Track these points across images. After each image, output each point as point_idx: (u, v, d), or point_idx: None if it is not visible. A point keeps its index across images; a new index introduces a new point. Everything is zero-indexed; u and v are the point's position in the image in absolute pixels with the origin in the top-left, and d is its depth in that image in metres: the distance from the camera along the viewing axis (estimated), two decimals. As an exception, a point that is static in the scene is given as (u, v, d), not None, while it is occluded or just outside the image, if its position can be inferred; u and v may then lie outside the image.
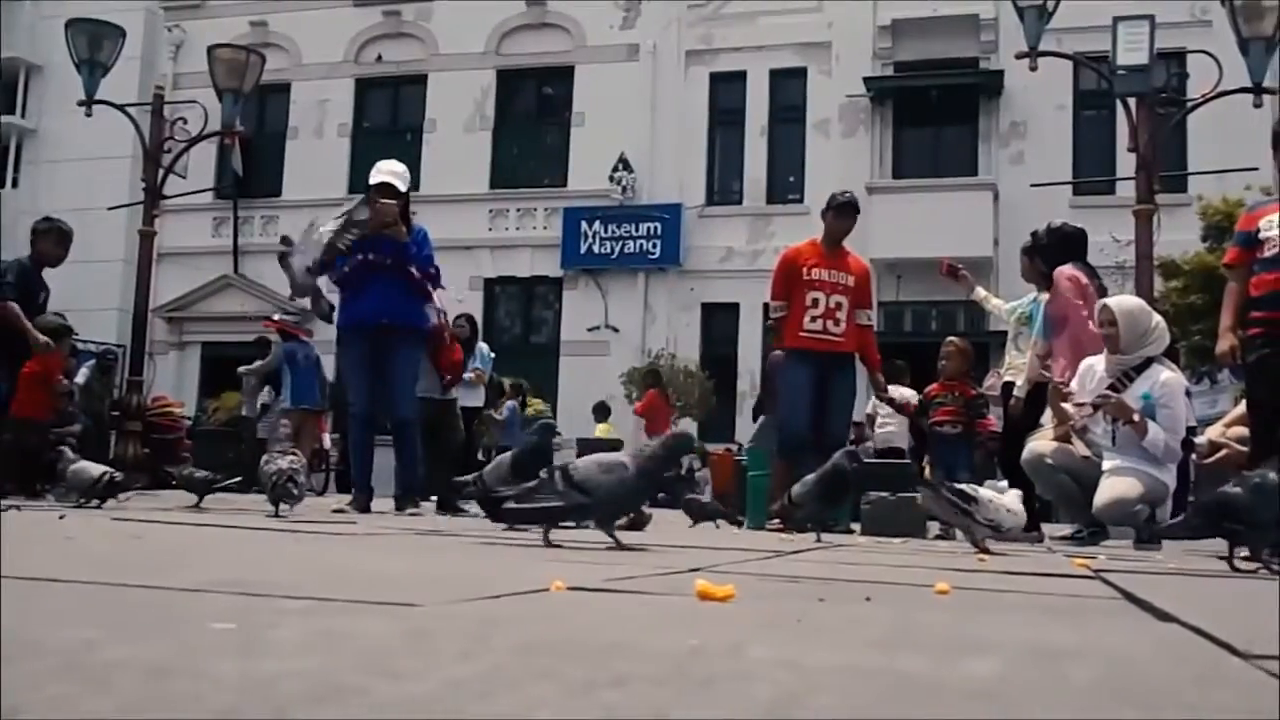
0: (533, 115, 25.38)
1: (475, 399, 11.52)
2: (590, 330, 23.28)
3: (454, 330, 9.84)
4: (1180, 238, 16.45)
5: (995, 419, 9.15)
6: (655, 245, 23.14)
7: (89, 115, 12.34)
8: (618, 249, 23.34)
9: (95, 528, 4.54)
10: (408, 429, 7.88)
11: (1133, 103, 10.10)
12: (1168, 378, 6.43)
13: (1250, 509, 4.01)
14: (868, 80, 22.55)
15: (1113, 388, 6.35)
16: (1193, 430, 8.96)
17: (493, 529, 5.41)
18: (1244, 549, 4.12)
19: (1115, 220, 13.69)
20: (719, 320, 22.74)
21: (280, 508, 6.01)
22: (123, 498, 7.18)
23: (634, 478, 3.90)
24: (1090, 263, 7.43)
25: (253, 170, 24.03)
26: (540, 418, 12.56)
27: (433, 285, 7.83)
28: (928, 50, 22.51)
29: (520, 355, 21.73)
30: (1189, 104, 11.49)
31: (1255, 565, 4.16)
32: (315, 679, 1.07)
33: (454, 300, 11.97)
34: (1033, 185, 17.25)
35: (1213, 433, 7.13)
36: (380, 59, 25.71)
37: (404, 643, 1.35)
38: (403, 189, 7.63)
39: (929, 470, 10.07)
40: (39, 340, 8.57)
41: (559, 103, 24.86)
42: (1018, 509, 5.07)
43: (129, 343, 13.12)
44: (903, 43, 22.71)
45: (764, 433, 13.06)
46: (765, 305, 8.89)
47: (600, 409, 18.72)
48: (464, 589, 2.22)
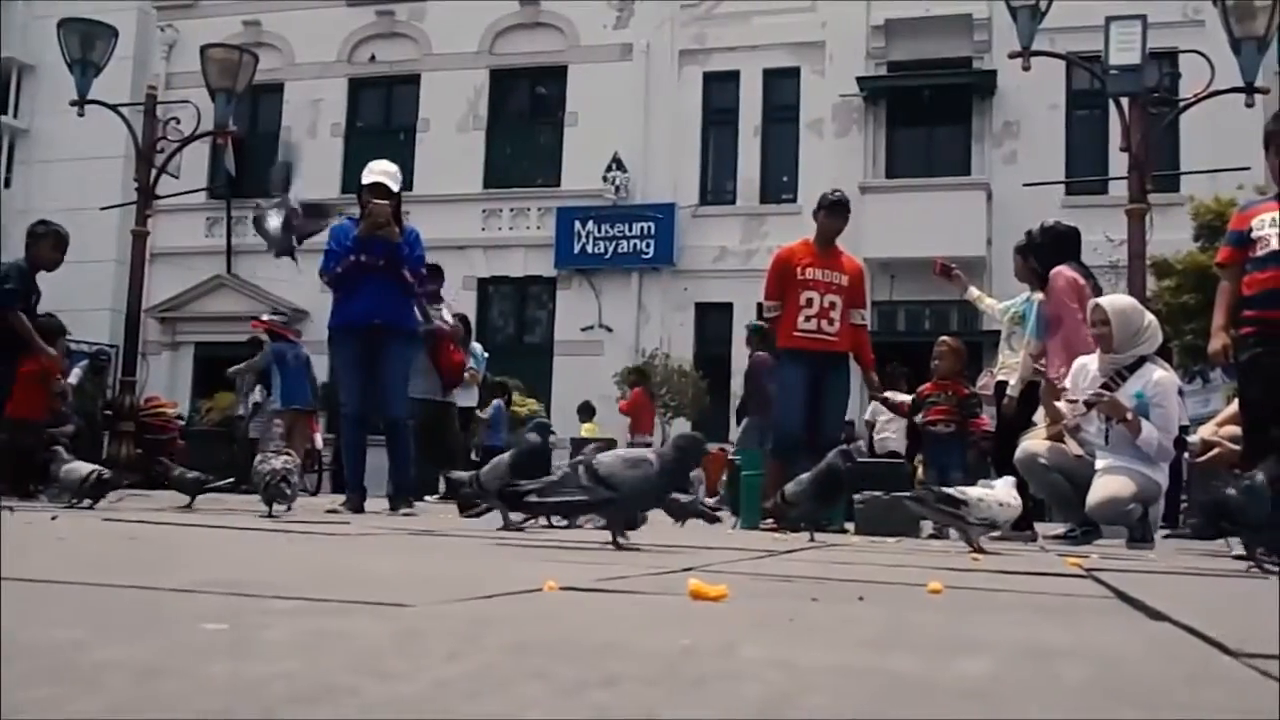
0: (526, 115, 25.38)
1: (469, 399, 11.53)
2: (584, 330, 23.27)
3: (452, 331, 9.81)
4: (1173, 237, 16.46)
5: (988, 418, 9.15)
6: (649, 245, 23.15)
7: (81, 115, 12.32)
8: (611, 249, 23.34)
9: (87, 528, 4.53)
10: (400, 429, 7.87)
11: (1125, 102, 10.12)
12: (1160, 377, 6.43)
13: (1242, 509, 4.03)
14: (861, 80, 22.58)
15: (1106, 387, 6.35)
16: (1185, 429, 8.98)
17: (487, 529, 5.40)
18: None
19: (1108, 220, 13.74)
20: (713, 320, 22.74)
21: (274, 508, 6.01)
22: (113, 497, 7.16)
23: (658, 475, 3.90)
24: (1084, 262, 7.44)
25: (245, 170, 23.98)
26: (534, 418, 12.56)
27: (423, 286, 7.81)
28: (921, 50, 22.54)
29: (514, 355, 21.74)
30: (1181, 103, 11.50)
31: (1248, 564, 4.17)
32: (305, 679, 1.06)
33: (449, 300, 11.91)
34: (1025, 185, 17.29)
35: (1205, 431, 7.13)
36: (373, 59, 25.68)
37: (395, 643, 1.35)
38: (395, 189, 7.62)
39: (922, 469, 10.08)
40: (49, 352, 8.60)
41: (552, 102, 24.85)
42: (1010, 500, 5.05)
43: (122, 343, 13.10)
44: (896, 42, 22.74)
45: (748, 435, 13.05)
46: (759, 305, 8.89)
47: (585, 408, 18.72)
48: (456, 589, 2.21)
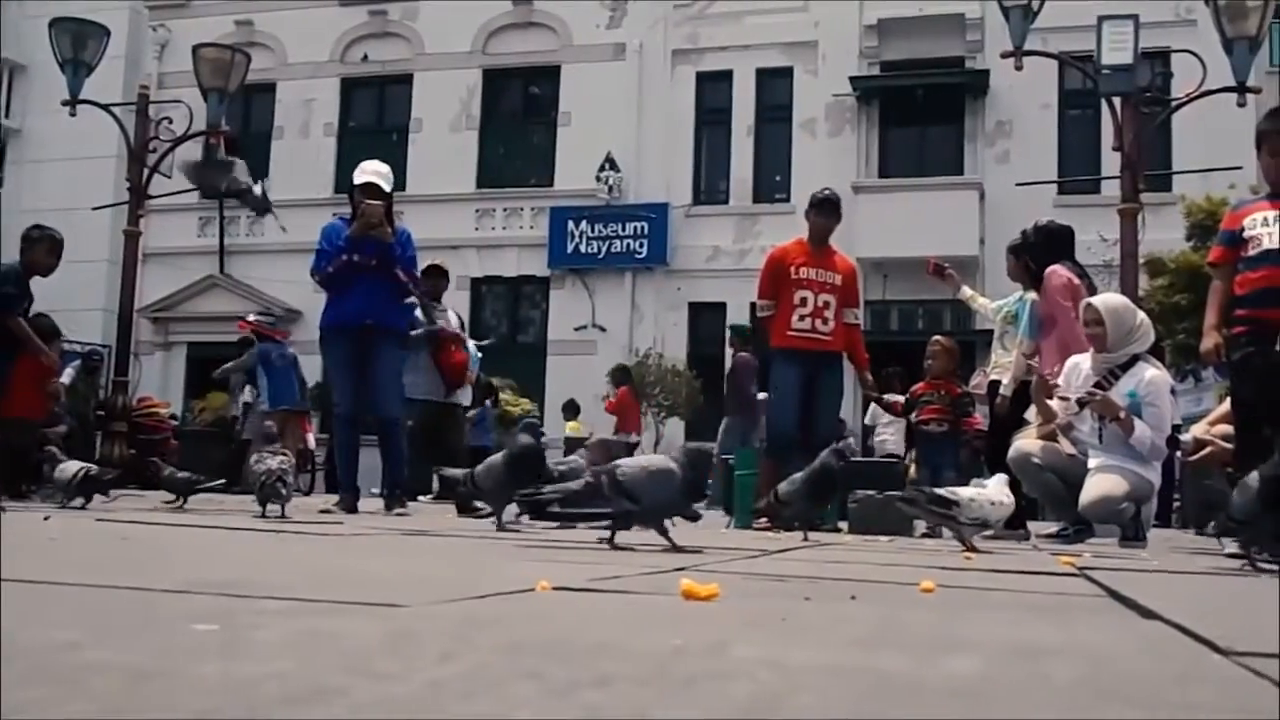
0: (519, 115, 25.36)
1: (463, 398, 11.50)
2: (577, 330, 23.26)
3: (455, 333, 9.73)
4: (1165, 236, 16.51)
5: (981, 417, 9.17)
6: (642, 245, 23.14)
7: (73, 115, 12.29)
8: (604, 248, 23.33)
9: (80, 529, 4.52)
10: (392, 428, 7.87)
11: (1117, 102, 10.12)
12: (1153, 375, 6.45)
13: (1239, 507, 4.05)
14: (854, 80, 22.58)
15: (1099, 385, 6.37)
16: (1178, 428, 9.00)
17: (479, 529, 5.40)
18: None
19: (1100, 219, 13.75)
20: (706, 319, 22.72)
21: (267, 508, 5.99)
22: (103, 498, 7.14)
23: (680, 484, 3.89)
24: (1079, 261, 7.45)
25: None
26: (528, 417, 12.55)
27: (416, 286, 7.80)
28: (913, 50, 22.55)
29: (507, 355, 21.71)
30: (1173, 103, 11.52)
31: (1241, 561, 4.19)
32: (296, 680, 1.06)
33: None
34: (1018, 184, 17.29)
35: (1197, 430, 7.15)
36: (366, 58, 25.65)
37: (387, 643, 1.35)
38: (387, 189, 7.62)
39: (915, 468, 10.09)
40: (49, 353, 8.59)
41: (545, 102, 24.84)
42: (1002, 498, 5.07)
43: (114, 343, 13.06)
44: (889, 42, 22.75)
45: (729, 435, 13.07)
46: (752, 305, 8.88)
47: (569, 406, 18.72)
48: (449, 589, 2.21)
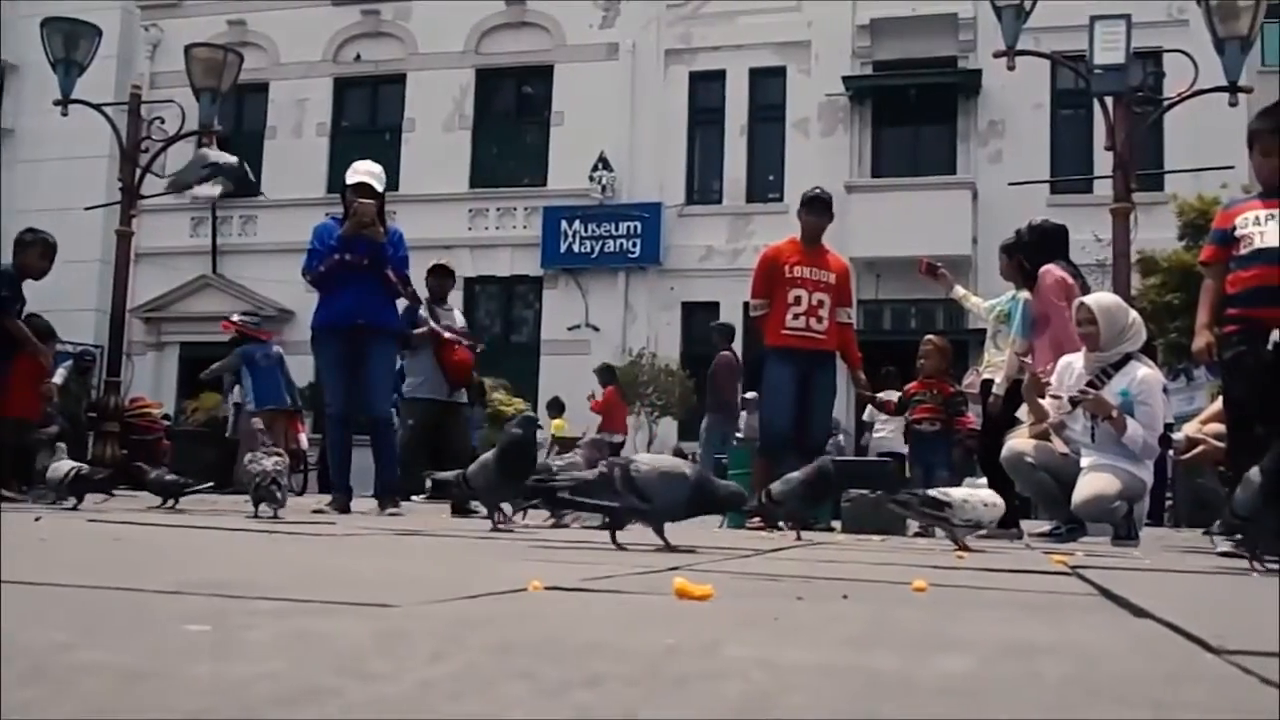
0: (512, 114, 25.35)
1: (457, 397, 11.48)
2: (571, 329, 23.26)
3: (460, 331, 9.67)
4: (1157, 235, 16.54)
5: (974, 416, 9.18)
6: (635, 244, 23.15)
7: (65, 115, 12.26)
8: (598, 248, 23.33)
9: (71, 529, 4.51)
10: (384, 428, 7.86)
11: (1110, 101, 10.14)
12: (1145, 374, 6.46)
13: (1241, 503, 4.06)
14: (847, 79, 22.61)
15: (1091, 384, 6.38)
16: (1170, 427, 9.01)
17: (473, 529, 5.40)
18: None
19: (1092, 218, 13.77)
20: (699, 319, 22.70)
21: (260, 509, 5.97)
22: (104, 497, 7.12)
23: (691, 491, 3.88)
24: (1072, 261, 7.46)
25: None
26: (521, 415, 12.53)
27: (406, 287, 7.77)
28: (906, 49, 22.58)
29: (501, 354, 21.69)
30: (1165, 103, 11.54)
31: (1233, 560, 4.19)
32: (287, 680, 1.06)
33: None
34: (1011, 184, 17.31)
35: (1189, 429, 7.16)
36: (359, 58, 25.62)
37: (378, 643, 1.35)
38: (380, 189, 7.61)
39: (908, 467, 10.11)
40: (46, 353, 8.58)
41: (538, 102, 24.84)
42: (994, 500, 5.09)
43: (106, 343, 13.04)
44: (881, 42, 22.78)
45: (711, 435, 13.09)
46: (745, 304, 8.88)
47: (554, 404, 18.72)
48: (441, 589, 2.21)
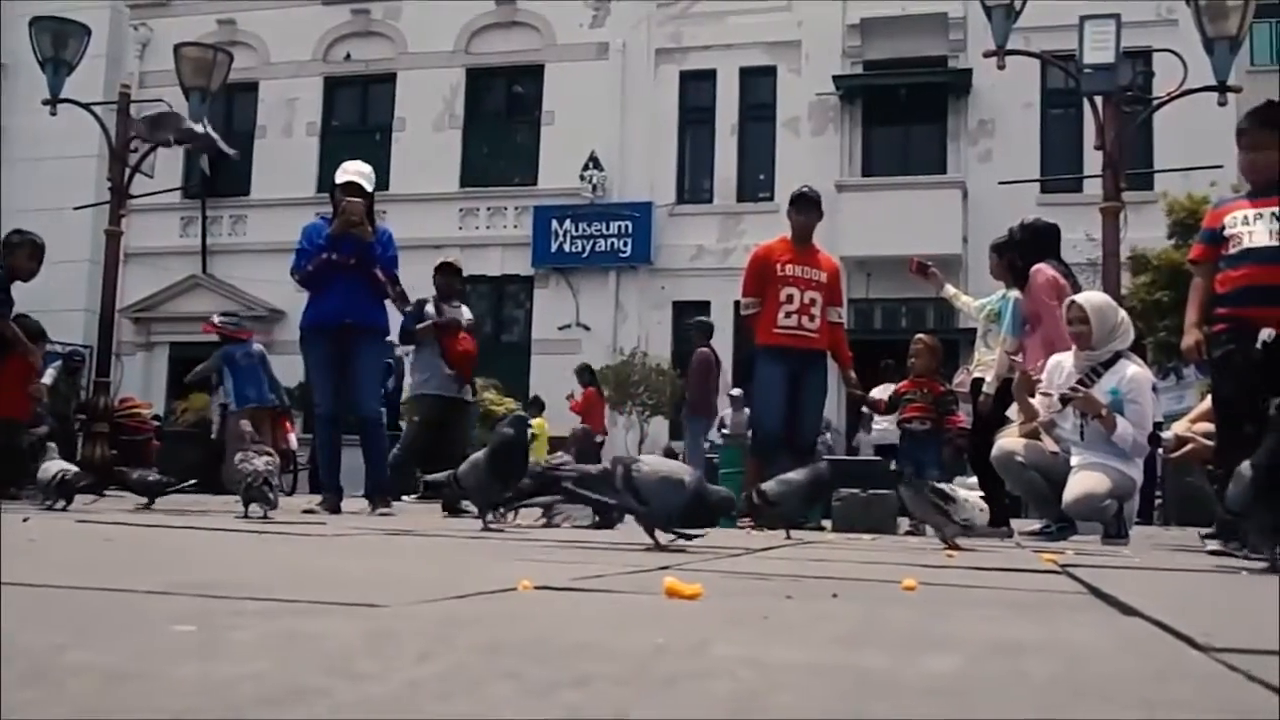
0: (503, 114, 25.32)
1: (463, 394, 11.46)
2: (561, 329, 23.24)
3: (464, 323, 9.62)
4: (1147, 235, 16.59)
5: (965, 415, 9.18)
6: (626, 243, 23.14)
7: (54, 114, 12.22)
8: (588, 247, 23.31)
9: (61, 530, 4.50)
10: (373, 428, 7.85)
11: (1099, 101, 10.16)
12: (1134, 373, 6.48)
13: (1233, 499, 4.06)
14: (837, 79, 22.62)
15: (1081, 383, 6.40)
16: (1159, 426, 9.03)
17: (463, 529, 5.39)
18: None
19: (1082, 218, 13.78)
20: (690, 318, 22.70)
21: (251, 509, 5.94)
22: (94, 498, 7.10)
23: (689, 498, 3.88)
24: (1064, 260, 7.48)
25: (220, 169, 23.82)
26: (512, 414, 12.52)
27: (393, 287, 7.73)
28: (896, 49, 22.60)
29: (492, 354, 21.64)
30: (1155, 102, 11.57)
31: (1223, 558, 4.21)
32: (274, 681, 1.06)
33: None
34: (1001, 183, 17.31)
35: (1179, 427, 7.17)
36: (349, 57, 25.58)
37: (366, 643, 1.34)
38: (369, 189, 7.60)
39: (894, 464, 10.12)
40: (36, 353, 8.55)
41: (529, 101, 24.81)
42: (983, 506, 5.18)
43: (96, 343, 13.00)
44: (872, 41, 22.79)
45: (694, 435, 13.09)
46: (736, 303, 8.87)
47: (534, 403, 18.70)
48: (430, 589, 2.21)
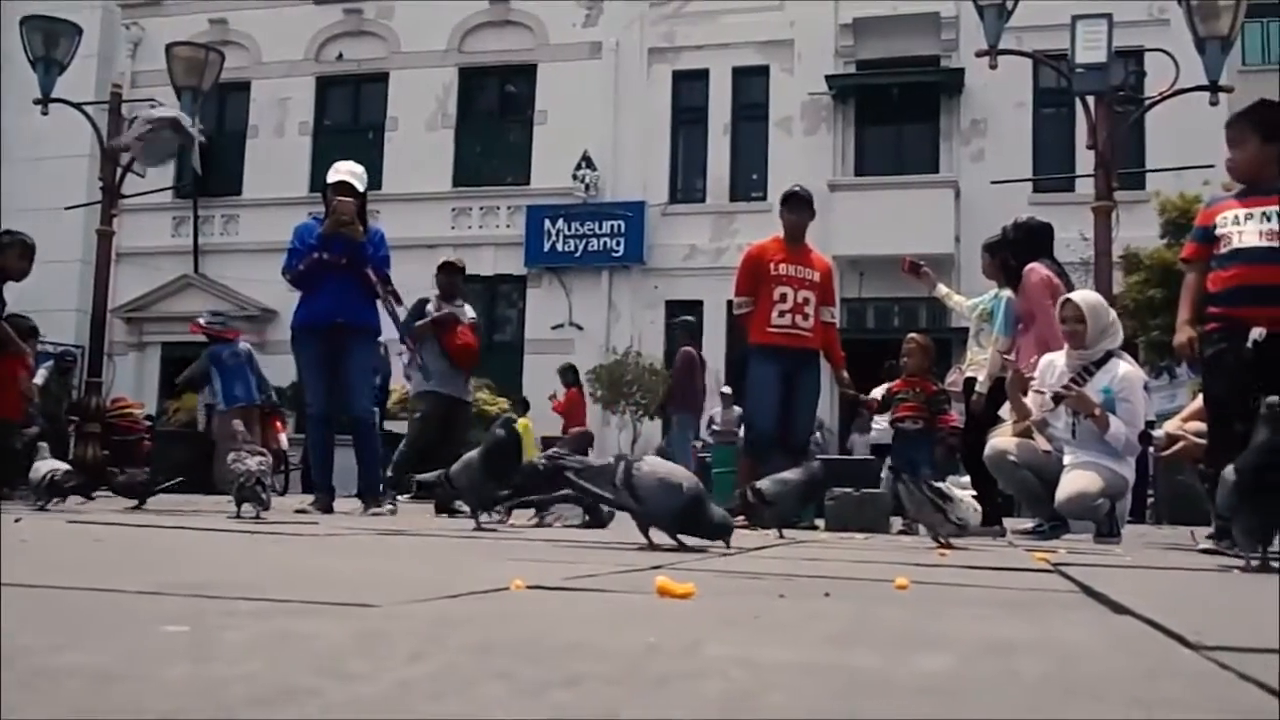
0: (495, 113, 25.30)
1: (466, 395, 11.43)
2: (554, 328, 23.23)
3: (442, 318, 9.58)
4: (1139, 234, 16.60)
5: (957, 415, 9.19)
6: (619, 243, 23.13)
7: (45, 114, 12.20)
8: (581, 247, 23.30)
9: (53, 530, 4.49)
10: (365, 428, 7.84)
11: (1091, 100, 10.18)
12: (1127, 372, 6.49)
13: (1221, 502, 4.07)
14: (830, 78, 22.63)
15: (1074, 382, 6.41)
16: (1151, 424, 9.05)
17: (456, 529, 5.39)
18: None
19: (1074, 217, 13.80)
20: (691, 316, 22.72)
21: (243, 509, 5.93)
22: (82, 499, 7.08)
23: (684, 503, 3.88)
24: (1057, 259, 7.49)
25: (212, 169, 23.73)
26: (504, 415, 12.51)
27: (384, 286, 7.70)
28: (889, 48, 22.61)
29: (485, 354, 21.61)
30: (1146, 102, 11.59)
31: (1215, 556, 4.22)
32: (265, 681, 1.06)
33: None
34: (993, 182, 17.34)
35: (1170, 426, 7.20)
36: (341, 57, 25.54)
37: (358, 643, 1.34)
38: (361, 189, 7.58)
39: (886, 465, 10.13)
40: (28, 351, 8.53)
41: (522, 101, 24.79)
42: (977, 505, 5.20)
43: (87, 343, 12.98)
44: (864, 41, 22.81)
45: (681, 435, 13.09)
46: (729, 302, 8.88)
47: (519, 403, 18.69)
48: (422, 589, 2.20)
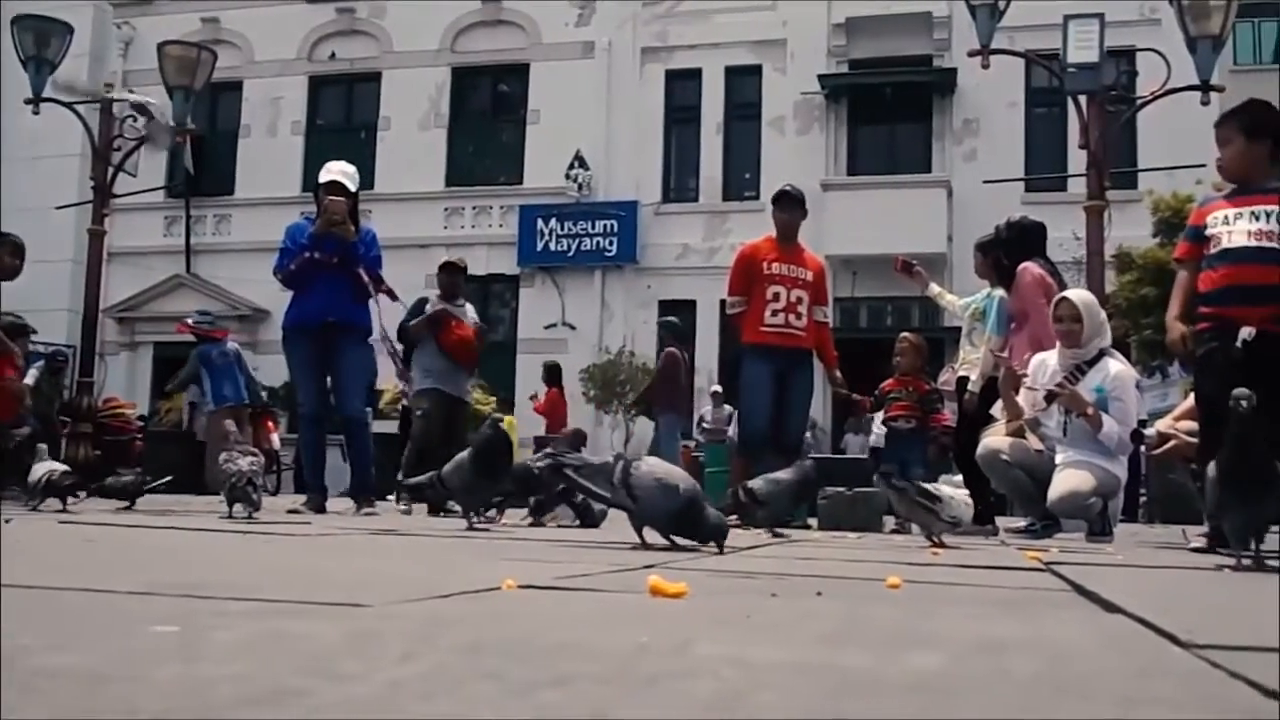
0: (488, 113, 25.29)
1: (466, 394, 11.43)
2: (547, 328, 23.23)
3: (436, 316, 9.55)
4: (1131, 233, 16.64)
5: (949, 414, 9.19)
6: (612, 242, 23.13)
7: (36, 113, 12.16)
8: (574, 246, 23.31)
9: (43, 531, 4.48)
10: (357, 428, 7.83)
11: (1083, 100, 10.18)
12: (1119, 370, 6.50)
13: (1209, 502, 4.08)
14: (822, 78, 22.65)
15: (1067, 381, 6.41)
16: (1143, 423, 9.07)
17: (448, 528, 5.39)
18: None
19: (1067, 216, 13.82)
20: (676, 317, 22.70)
21: (235, 509, 5.92)
22: (73, 499, 7.06)
23: (680, 506, 3.88)
24: (1050, 258, 7.49)
25: (204, 169, 23.74)
26: (492, 414, 12.49)
27: (377, 286, 7.68)
28: (881, 48, 22.66)
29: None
30: (1138, 101, 11.60)
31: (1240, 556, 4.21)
32: (255, 682, 1.05)
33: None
34: (985, 182, 17.38)
35: (1162, 425, 7.21)
36: (333, 56, 25.52)
37: (349, 643, 1.34)
38: (352, 189, 7.58)
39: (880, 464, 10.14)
40: (18, 352, 8.51)
41: (514, 100, 24.79)
42: (969, 500, 5.21)
43: (79, 343, 12.94)
44: (857, 40, 22.84)
45: (669, 433, 13.07)
46: (722, 302, 8.88)
47: (502, 403, 18.65)
48: (414, 589, 2.20)
